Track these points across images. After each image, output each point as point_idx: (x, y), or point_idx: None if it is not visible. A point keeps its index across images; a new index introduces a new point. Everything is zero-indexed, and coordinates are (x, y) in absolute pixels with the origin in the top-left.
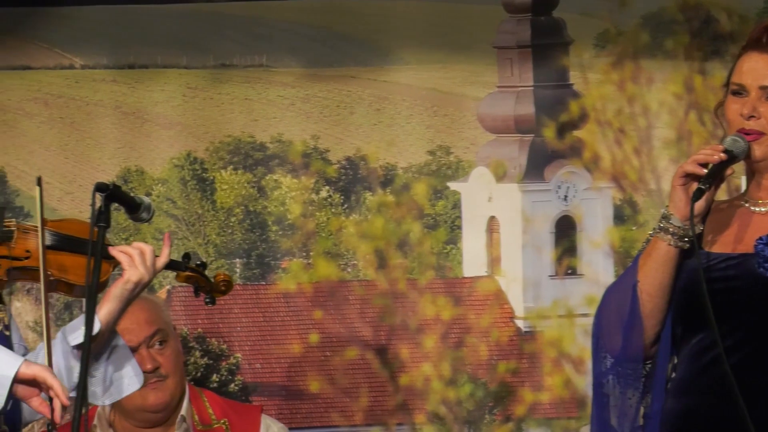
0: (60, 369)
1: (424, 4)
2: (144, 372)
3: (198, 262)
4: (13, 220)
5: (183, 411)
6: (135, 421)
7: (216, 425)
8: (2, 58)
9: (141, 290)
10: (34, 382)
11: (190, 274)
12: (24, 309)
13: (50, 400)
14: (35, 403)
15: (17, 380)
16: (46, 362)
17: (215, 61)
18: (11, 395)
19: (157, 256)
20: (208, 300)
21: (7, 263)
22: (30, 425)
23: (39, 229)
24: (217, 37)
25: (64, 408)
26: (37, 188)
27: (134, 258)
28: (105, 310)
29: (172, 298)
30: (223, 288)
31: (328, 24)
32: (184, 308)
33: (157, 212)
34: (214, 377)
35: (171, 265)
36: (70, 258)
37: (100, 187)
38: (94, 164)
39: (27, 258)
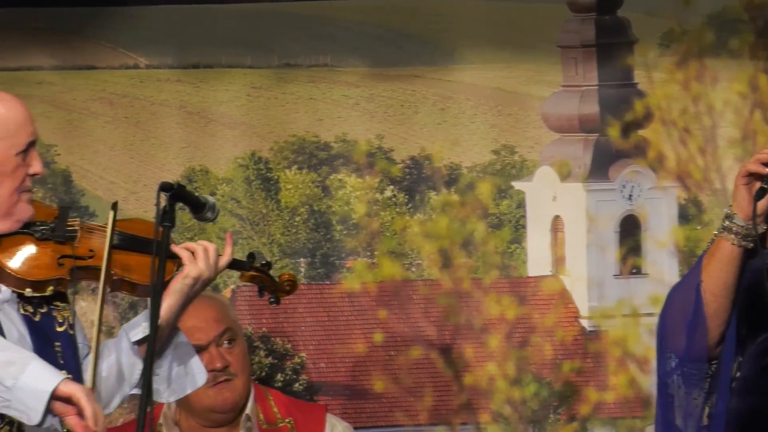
0: (118, 368)
1: (488, 3)
2: (214, 370)
3: (263, 262)
4: (78, 219)
5: (248, 410)
6: (201, 420)
7: (281, 424)
8: (67, 58)
9: (201, 287)
10: (70, 401)
11: (255, 273)
12: (88, 308)
13: None
14: (72, 421)
15: (54, 397)
16: (90, 377)
17: (280, 61)
18: (48, 411)
19: (220, 255)
20: (272, 300)
21: (70, 262)
22: None
23: (105, 251)
24: (281, 36)
25: None
26: (111, 212)
27: (197, 253)
28: (165, 305)
29: (237, 297)
30: (287, 288)
31: (392, 23)
32: (249, 307)
33: (221, 212)
34: (279, 377)
35: (235, 265)
36: (134, 258)
37: (164, 187)
38: (158, 164)
39: (90, 257)
